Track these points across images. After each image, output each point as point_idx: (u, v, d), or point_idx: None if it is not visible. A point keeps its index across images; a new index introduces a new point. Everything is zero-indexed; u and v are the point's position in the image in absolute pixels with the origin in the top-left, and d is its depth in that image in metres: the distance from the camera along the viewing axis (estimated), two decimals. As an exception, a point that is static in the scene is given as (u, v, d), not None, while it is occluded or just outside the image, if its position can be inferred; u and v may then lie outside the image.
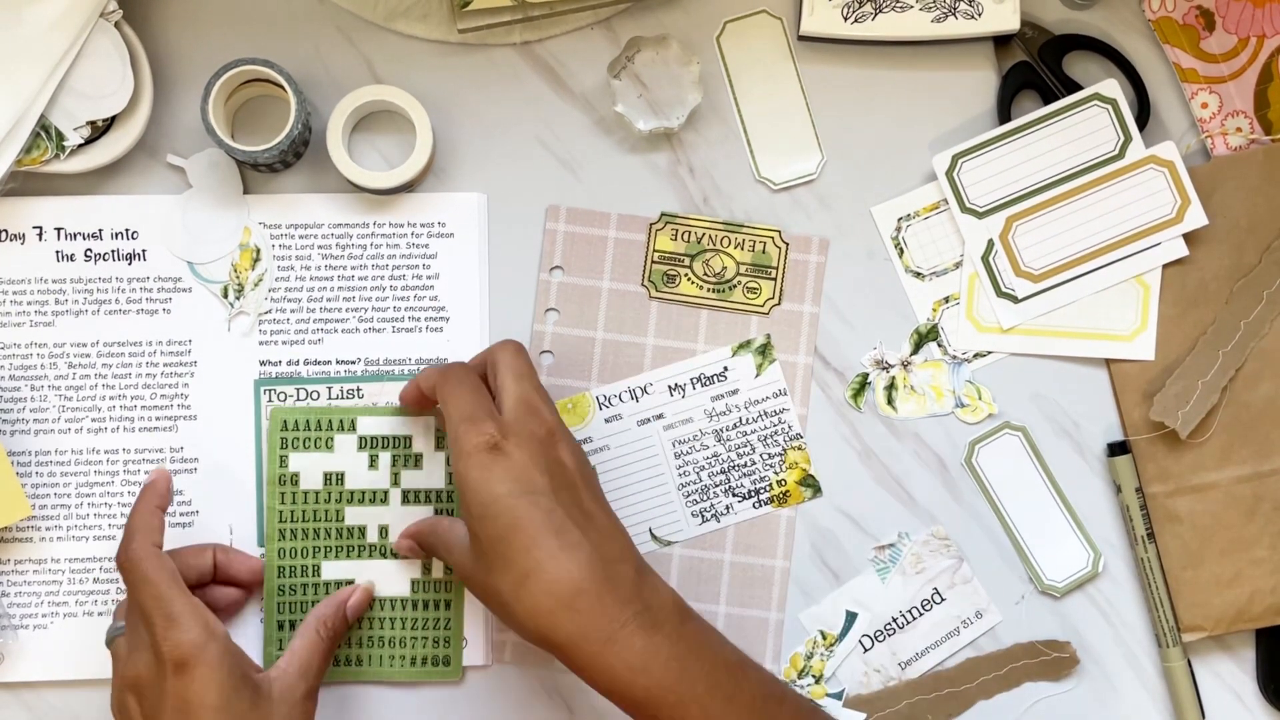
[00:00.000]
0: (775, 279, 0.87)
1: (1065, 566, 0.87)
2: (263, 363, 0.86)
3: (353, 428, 0.85)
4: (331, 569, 0.84)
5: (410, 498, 0.85)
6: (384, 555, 0.85)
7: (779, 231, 0.87)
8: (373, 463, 0.85)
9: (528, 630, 0.71)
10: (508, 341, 0.78)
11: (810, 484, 0.87)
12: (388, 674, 0.85)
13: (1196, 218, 0.86)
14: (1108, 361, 0.88)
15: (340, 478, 0.85)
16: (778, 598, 0.86)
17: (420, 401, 0.82)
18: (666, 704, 0.70)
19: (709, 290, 0.87)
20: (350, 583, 0.84)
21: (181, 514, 0.85)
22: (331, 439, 0.85)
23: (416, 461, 0.85)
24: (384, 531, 0.85)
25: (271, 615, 0.84)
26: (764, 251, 0.87)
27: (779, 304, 0.87)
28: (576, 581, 0.70)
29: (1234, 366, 0.86)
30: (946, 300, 0.88)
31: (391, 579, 0.85)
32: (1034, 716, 0.87)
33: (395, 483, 0.85)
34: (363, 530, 0.85)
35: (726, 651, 0.73)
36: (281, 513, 0.84)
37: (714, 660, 0.72)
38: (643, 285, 0.87)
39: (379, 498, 0.85)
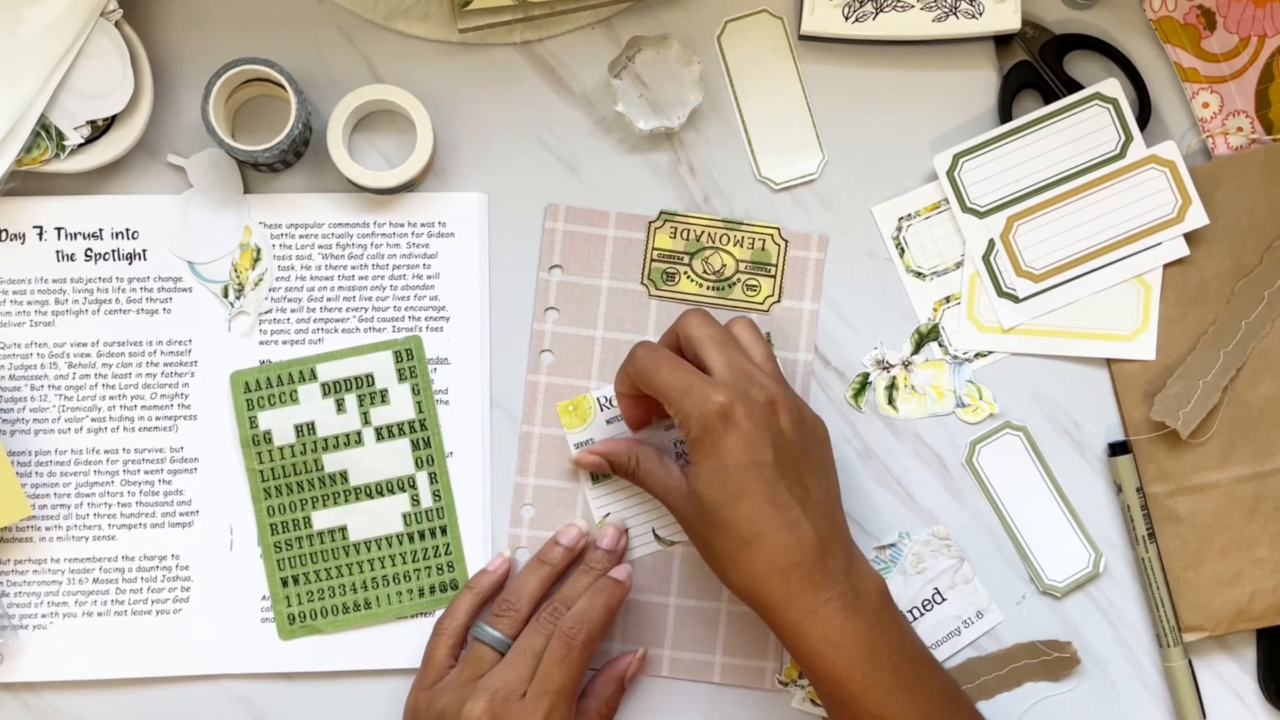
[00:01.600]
0: (775, 276, 0.87)
1: (1066, 566, 0.87)
2: (262, 362, 0.86)
3: (313, 376, 0.85)
4: (322, 518, 0.85)
5: (384, 434, 0.85)
6: (370, 496, 0.85)
7: (778, 229, 0.87)
8: (340, 407, 0.85)
9: (738, 588, 0.75)
10: (692, 313, 0.79)
11: (811, 483, 0.87)
12: (399, 610, 0.85)
13: (1197, 217, 0.86)
14: (1108, 361, 0.88)
15: (311, 427, 0.85)
16: (778, 597, 0.86)
17: (640, 408, 0.83)
18: (852, 680, 0.73)
19: (708, 288, 0.87)
20: (343, 529, 0.84)
21: (181, 514, 0.85)
22: (295, 391, 0.85)
23: (383, 397, 0.85)
24: (366, 472, 0.85)
25: (274, 573, 0.85)
26: (763, 249, 0.87)
27: (779, 301, 0.87)
28: (793, 555, 0.73)
29: (1235, 366, 0.86)
30: (947, 300, 0.88)
31: (381, 518, 0.85)
32: (1034, 716, 0.87)
33: (366, 422, 0.85)
34: (344, 475, 0.85)
35: (917, 646, 0.77)
36: (262, 472, 0.85)
37: (903, 651, 0.75)
38: (642, 284, 0.87)
39: (353, 440, 0.85)
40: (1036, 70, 0.88)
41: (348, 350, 0.85)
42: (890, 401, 0.88)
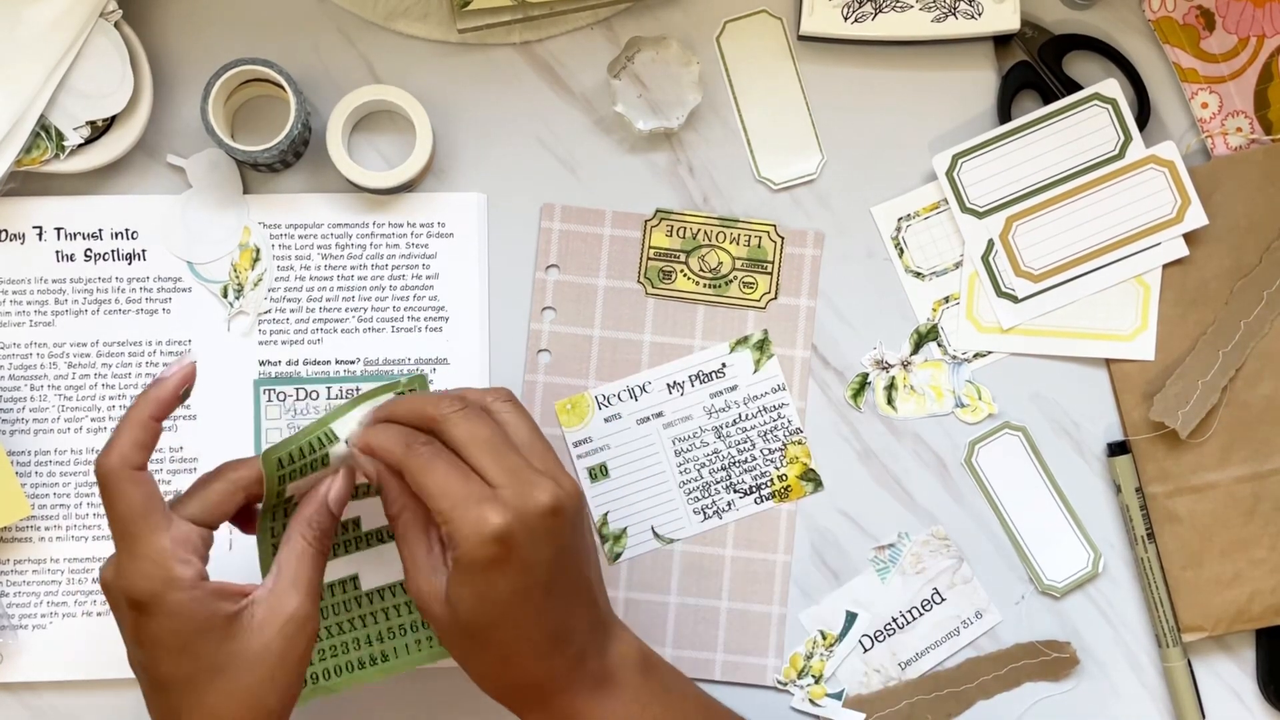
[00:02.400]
0: (771, 273, 0.87)
1: (1065, 566, 0.87)
2: (262, 362, 0.86)
3: (334, 438, 0.75)
4: (333, 569, 0.82)
5: None
6: (381, 541, 0.81)
7: (774, 226, 0.87)
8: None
9: (492, 694, 0.71)
10: (451, 409, 0.69)
11: (811, 478, 0.87)
12: (418, 660, 0.80)
13: (1196, 218, 0.86)
14: (1108, 361, 0.88)
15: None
16: (779, 592, 0.86)
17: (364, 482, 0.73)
18: None
19: (705, 286, 0.87)
20: (354, 578, 0.81)
21: (181, 513, 0.85)
22: (326, 456, 0.75)
23: None
24: (378, 517, 0.82)
25: None
26: (759, 246, 0.87)
27: (775, 298, 0.87)
28: (553, 663, 0.69)
29: (1234, 366, 0.86)
30: (946, 300, 0.88)
31: (393, 563, 0.80)
32: (1034, 716, 0.87)
33: None
34: (356, 522, 0.81)
35: (691, 706, 0.74)
36: (272, 529, 0.76)
37: (679, 713, 0.73)
38: (639, 282, 0.87)
39: (364, 489, 0.78)
40: (1036, 70, 0.88)
41: (352, 402, 0.75)
42: (889, 402, 0.88)
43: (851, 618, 0.87)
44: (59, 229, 0.86)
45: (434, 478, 0.67)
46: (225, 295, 0.86)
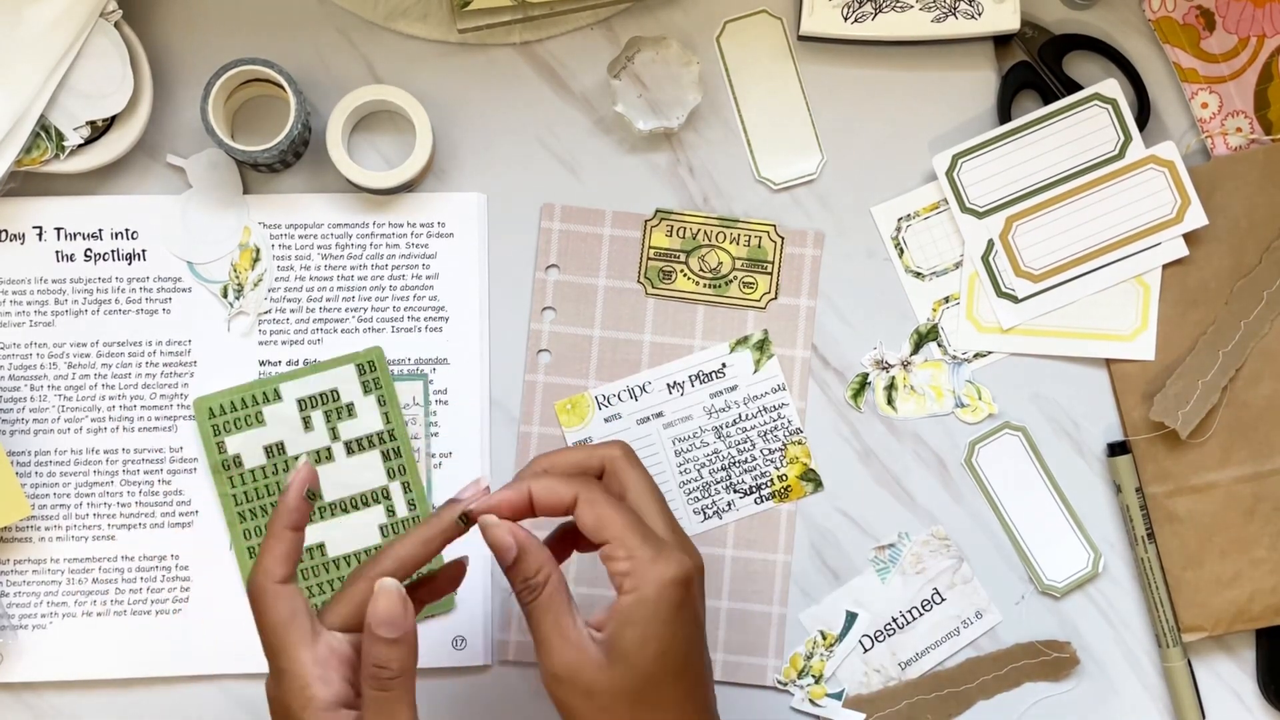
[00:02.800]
0: (771, 274, 0.87)
1: (1065, 566, 0.87)
2: (262, 363, 0.86)
3: (278, 396, 0.85)
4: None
5: (354, 448, 0.85)
6: (345, 511, 0.85)
7: (774, 226, 0.87)
8: (307, 424, 0.85)
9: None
10: (620, 452, 0.68)
11: (811, 478, 0.87)
12: None
13: (1196, 218, 0.86)
14: (1108, 361, 0.88)
15: (280, 447, 0.85)
16: (779, 592, 0.86)
17: (548, 507, 0.67)
18: None
19: (705, 286, 0.87)
20: (321, 546, 0.84)
21: (181, 514, 0.85)
22: (260, 413, 0.85)
23: (350, 411, 0.85)
24: (339, 488, 0.85)
25: None
26: (759, 246, 0.87)
27: (775, 298, 0.87)
28: None
29: (1234, 366, 0.86)
30: (946, 300, 0.88)
31: (358, 531, 0.85)
32: (1034, 716, 0.87)
33: (335, 437, 0.85)
34: (317, 493, 0.83)
35: None
36: (235, 496, 0.85)
37: None
38: (639, 282, 0.87)
39: (324, 456, 0.85)
40: (1036, 71, 0.88)
41: (310, 368, 0.85)
42: (889, 402, 0.88)
43: (851, 618, 0.87)
44: (59, 229, 0.86)
45: (620, 518, 0.64)
46: (225, 295, 0.86)
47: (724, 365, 0.87)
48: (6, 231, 0.86)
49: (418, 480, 0.86)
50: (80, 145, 0.83)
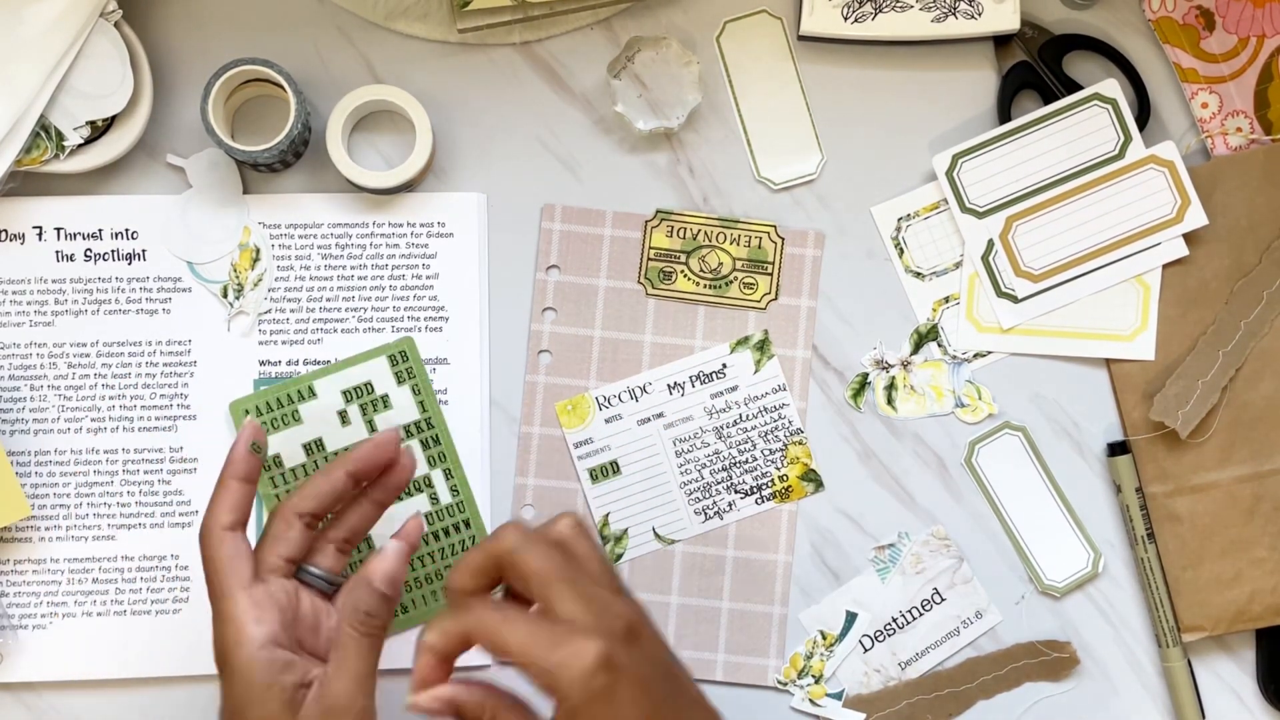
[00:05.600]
0: (772, 274, 0.87)
1: (1065, 566, 0.87)
2: (262, 362, 0.86)
3: (312, 393, 0.85)
4: None
5: None
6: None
7: (774, 226, 0.87)
8: (344, 419, 0.85)
9: None
10: (518, 540, 0.64)
11: (812, 479, 0.87)
12: (437, 609, 0.83)
13: (1196, 218, 0.86)
14: (1108, 361, 0.88)
15: (320, 444, 0.85)
16: (780, 592, 0.86)
17: (456, 651, 0.65)
18: None
19: (705, 286, 0.87)
20: (367, 540, 0.82)
21: (180, 514, 0.85)
22: (296, 411, 0.85)
23: (385, 403, 0.85)
24: None
25: None
26: (759, 246, 0.87)
27: (776, 299, 0.87)
28: None
29: (1234, 366, 0.86)
30: (946, 300, 0.88)
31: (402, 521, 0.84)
32: (1034, 716, 0.87)
33: (372, 429, 0.85)
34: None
35: None
36: (278, 496, 0.84)
37: None
38: (639, 282, 0.87)
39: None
40: (1036, 70, 0.88)
41: (342, 363, 0.85)
42: (889, 401, 0.88)
43: (852, 618, 0.87)
44: (59, 229, 0.86)
45: (517, 634, 0.62)
46: (225, 295, 0.86)
47: (724, 366, 0.87)
48: (6, 231, 0.86)
49: (459, 466, 0.85)
50: (80, 145, 0.83)
